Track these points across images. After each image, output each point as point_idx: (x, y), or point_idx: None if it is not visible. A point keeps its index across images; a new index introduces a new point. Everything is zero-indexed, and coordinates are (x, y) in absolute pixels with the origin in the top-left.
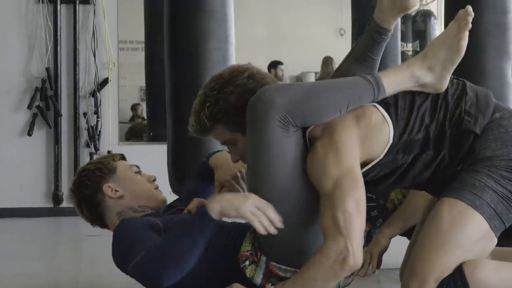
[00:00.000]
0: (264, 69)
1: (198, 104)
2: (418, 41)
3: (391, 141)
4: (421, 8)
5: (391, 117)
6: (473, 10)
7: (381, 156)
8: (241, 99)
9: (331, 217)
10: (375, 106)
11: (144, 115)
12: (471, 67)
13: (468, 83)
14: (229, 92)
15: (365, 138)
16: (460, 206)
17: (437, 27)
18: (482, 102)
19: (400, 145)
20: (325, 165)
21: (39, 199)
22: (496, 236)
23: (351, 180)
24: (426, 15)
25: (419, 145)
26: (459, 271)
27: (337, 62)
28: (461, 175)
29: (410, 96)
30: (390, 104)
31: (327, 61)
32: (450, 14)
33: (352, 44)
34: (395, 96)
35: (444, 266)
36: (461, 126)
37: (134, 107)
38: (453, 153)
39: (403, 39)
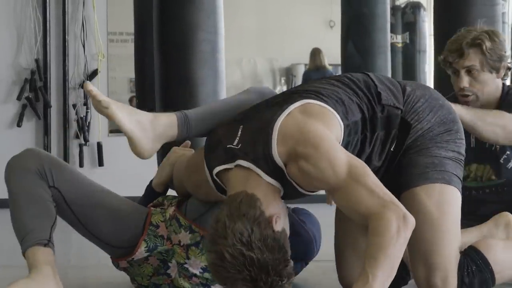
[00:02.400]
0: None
1: None
2: (407, 33)
3: (342, 122)
4: (411, 0)
5: (327, 104)
6: (463, 2)
7: (342, 137)
8: None
9: (367, 194)
10: (306, 101)
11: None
12: None
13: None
14: None
15: (326, 124)
16: (436, 188)
17: (426, 19)
18: (385, 79)
19: (351, 126)
20: (328, 158)
21: None
22: None
23: (355, 159)
24: (415, 7)
25: (360, 127)
26: (475, 251)
27: (326, 53)
28: (414, 158)
29: (330, 85)
30: (318, 94)
31: (315, 53)
32: (439, 6)
33: (341, 37)
34: (318, 87)
35: (455, 249)
36: (381, 102)
37: (131, 100)
38: (387, 132)
39: (393, 31)
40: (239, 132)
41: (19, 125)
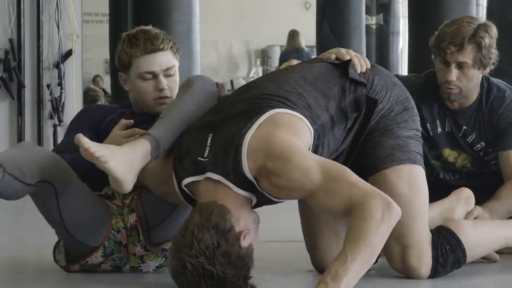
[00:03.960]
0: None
1: None
2: (382, 15)
3: (311, 127)
4: None
5: (296, 111)
6: None
7: (312, 142)
8: None
9: (349, 187)
10: (275, 111)
11: (105, 87)
12: None
13: None
14: None
15: (296, 134)
16: (405, 169)
17: (401, 0)
18: None
19: (319, 130)
20: (300, 168)
21: None
22: None
23: (328, 161)
24: None
25: (329, 127)
26: (448, 231)
27: (303, 35)
28: (379, 140)
29: (295, 85)
30: (285, 101)
31: (293, 34)
32: None
33: (316, 19)
34: (284, 92)
35: (426, 227)
36: (348, 76)
37: (94, 79)
38: (357, 115)
39: (367, 12)
40: (208, 142)
41: None
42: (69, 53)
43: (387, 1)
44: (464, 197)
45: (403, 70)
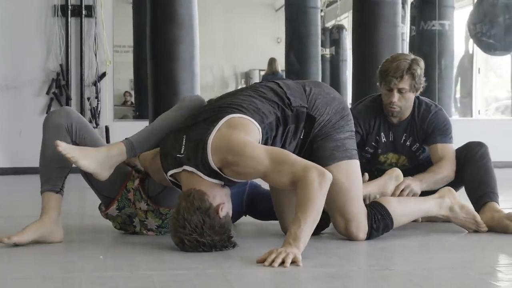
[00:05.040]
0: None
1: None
2: (334, 47)
3: (259, 126)
4: (336, 23)
5: (247, 115)
6: (373, 25)
7: (261, 137)
8: None
9: (291, 166)
10: (230, 116)
11: (133, 100)
12: (371, 70)
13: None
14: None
15: (247, 132)
16: (343, 165)
17: (347, 37)
18: (291, 83)
19: (267, 127)
20: (252, 157)
21: None
22: None
23: (273, 148)
24: (339, 28)
25: (275, 125)
26: (379, 205)
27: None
28: (322, 144)
29: (249, 97)
30: (240, 108)
31: (272, 61)
32: (356, 27)
33: (285, 50)
34: (240, 101)
35: (362, 205)
36: (291, 105)
37: (125, 94)
38: (297, 125)
39: (323, 45)
40: (183, 142)
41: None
42: (103, 74)
43: (338, 37)
44: (395, 175)
45: (349, 88)
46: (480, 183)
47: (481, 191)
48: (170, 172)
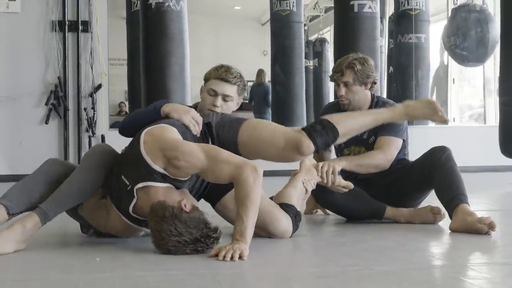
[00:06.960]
0: None
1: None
2: (317, 59)
3: (176, 129)
4: (319, 37)
5: (161, 123)
6: (354, 38)
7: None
8: None
9: (225, 164)
10: (147, 128)
11: (127, 110)
12: None
13: None
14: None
15: (170, 132)
16: (246, 121)
17: (330, 49)
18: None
19: (180, 128)
20: (187, 152)
21: None
22: None
23: (205, 145)
24: (322, 41)
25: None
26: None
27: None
28: (224, 134)
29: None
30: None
31: (260, 72)
32: (337, 40)
33: (271, 62)
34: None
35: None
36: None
37: (120, 105)
38: (210, 130)
39: (307, 57)
40: (123, 178)
41: (46, 122)
42: (99, 86)
43: (320, 50)
44: (308, 164)
45: (331, 97)
46: (449, 186)
47: (451, 194)
48: (131, 207)
